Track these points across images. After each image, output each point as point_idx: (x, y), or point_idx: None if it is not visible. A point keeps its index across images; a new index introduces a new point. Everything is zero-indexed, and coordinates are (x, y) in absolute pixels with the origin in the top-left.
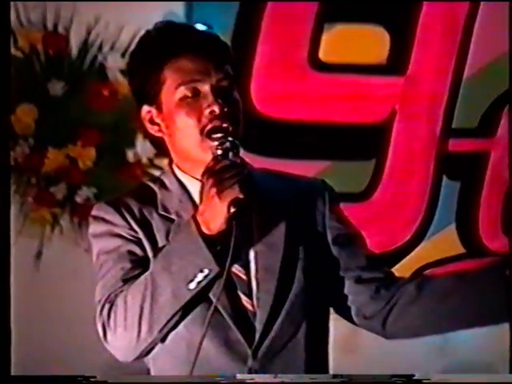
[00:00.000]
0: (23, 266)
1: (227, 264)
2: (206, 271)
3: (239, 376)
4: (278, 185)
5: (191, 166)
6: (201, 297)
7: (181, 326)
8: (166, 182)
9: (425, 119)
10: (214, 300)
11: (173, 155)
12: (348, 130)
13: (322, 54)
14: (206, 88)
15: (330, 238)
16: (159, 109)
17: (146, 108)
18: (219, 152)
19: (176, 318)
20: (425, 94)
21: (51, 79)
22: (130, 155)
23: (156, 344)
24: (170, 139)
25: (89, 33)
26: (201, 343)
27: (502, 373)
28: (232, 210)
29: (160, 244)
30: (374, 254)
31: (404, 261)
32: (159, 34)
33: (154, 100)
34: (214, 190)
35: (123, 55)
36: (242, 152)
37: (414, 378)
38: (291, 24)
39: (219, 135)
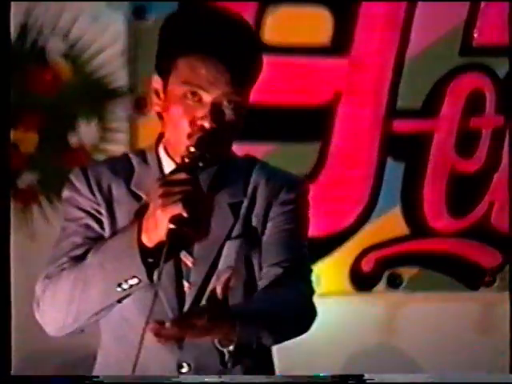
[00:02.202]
0: None
1: (156, 280)
2: (136, 280)
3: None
4: (244, 175)
5: (174, 152)
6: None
7: (130, 316)
8: (148, 157)
9: (369, 100)
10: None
11: (164, 133)
12: (293, 112)
13: (265, 36)
14: (207, 99)
15: (266, 232)
16: (165, 87)
17: (156, 78)
18: (186, 160)
19: (105, 311)
20: (369, 75)
21: None
22: (72, 140)
23: (87, 326)
24: (165, 117)
25: (28, 16)
26: (141, 341)
27: (502, 373)
28: (171, 226)
29: (118, 220)
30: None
31: (349, 242)
32: (185, 18)
33: (164, 75)
34: (159, 202)
35: (64, 38)
36: None
37: (364, 378)
38: (234, 6)
39: (197, 145)
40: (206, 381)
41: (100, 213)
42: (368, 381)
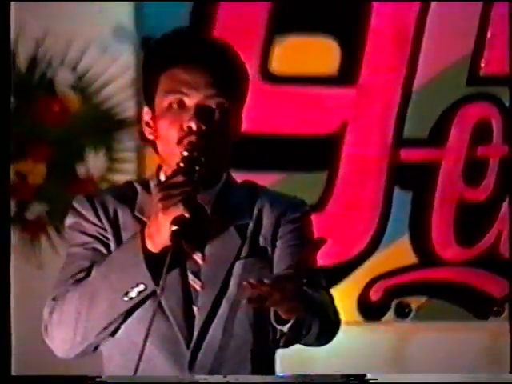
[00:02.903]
0: None
1: (160, 284)
2: (142, 287)
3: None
4: (246, 198)
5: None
6: (143, 303)
7: (133, 331)
8: (151, 185)
9: (376, 129)
10: (166, 311)
11: (160, 160)
12: (300, 142)
13: (272, 66)
14: (190, 102)
15: (276, 251)
16: (153, 112)
17: (146, 109)
18: (181, 165)
19: (114, 326)
20: (376, 104)
21: None
22: (81, 171)
23: (98, 344)
24: (158, 144)
25: (37, 47)
26: (141, 353)
27: (502, 373)
28: (173, 227)
29: None
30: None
31: (357, 271)
32: (165, 41)
33: (151, 102)
34: (160, 205)
35: (73, 70)
36: None
37: (366, 378)
38: (242, 36)
39: (189, 150)
40: (212, 381)
41: (107, 238)
42: (371, 381)
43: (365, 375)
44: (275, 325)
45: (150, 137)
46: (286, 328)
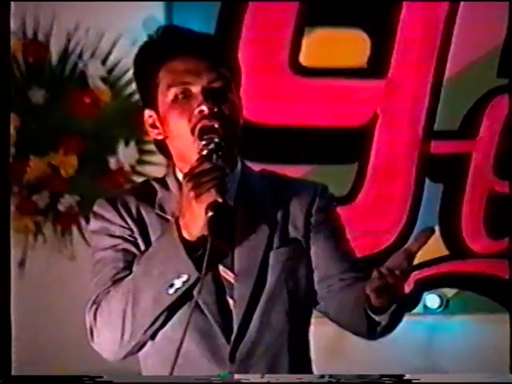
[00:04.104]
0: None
1: (203, 270)
2: (185, 277)
3: (236, 376)
4: (269, 188)
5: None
6: (187, 299)
7: (168, 327)
8: (169, 182)
9: (407, 122)
10: (201, 304)
11: (174, 158)
12: (330, 134)
13: (302, 59)
14: (196, 89)
15: (312, 239)
16: (157, 112)
17: (147, 112)
18: (204, 153)
19: (159, 322)
20: (406, 96)
21: (32, 87)
22: (112, 163)
23: (145, 343)
24: (169, 141)
25: (69, 40)
26: (179, 347)
27: (502, 373)
28: (209, 213)
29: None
30: (355, 255)
31: None
32: (157, 38)
33: (153, 103)
34: (192, 194)
35: (103, 62)
36: None
37: (404, 378)
38: (271, 28)
39: (207, 136)
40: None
41: (134, 237)
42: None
43: (403, 375)
44: (372, 315)
45: (159, 137)
46: (382, 317)
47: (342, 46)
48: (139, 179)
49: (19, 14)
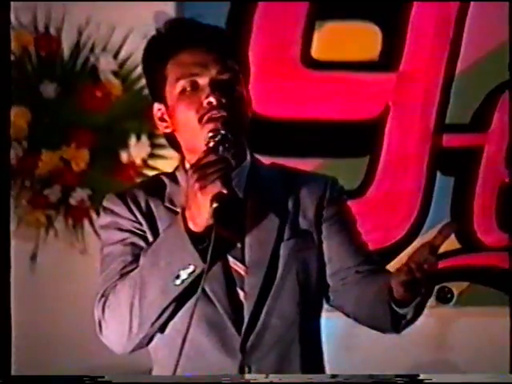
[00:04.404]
0: (19, 269)
1: (207, 260)
2: (192, 268)
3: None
4: (279, 180)
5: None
6: (194, 290)
7: (177, 319)
8: (178, 176)
9: (418, 115)
10: (211, 296)
11: (184, 151)
12: (341, 127)
13: (314, 52)
14: (204, 81)
15: (324, 232)
16: (166, 105)
17: (156, 106)
18: (211, 144)
19: (167, 314)
20: (418, 89)
21: (43, 81)
22: (123, 156)
23: (153, 335)
24: (178, 134)
25: (80, 34)
26: (185, 336)
27: (502, 373)
28: (214, 205)
29: None
30: (368, 248)
31: (399, 257)
32: (165, 32)
33: (161, 97)
34: (197, 186)
35: (115, 56)
36: None
37: (419, 378)
38: (283, 22)
39: (214, 127)
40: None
41: (143, 231)
42: (426, 381)
43: (418, 375)
44: (396, 308)
45: (167, 130)
46: (406, 310)
47: (354, 39)
48: (151, 173)
49: (31, 8)
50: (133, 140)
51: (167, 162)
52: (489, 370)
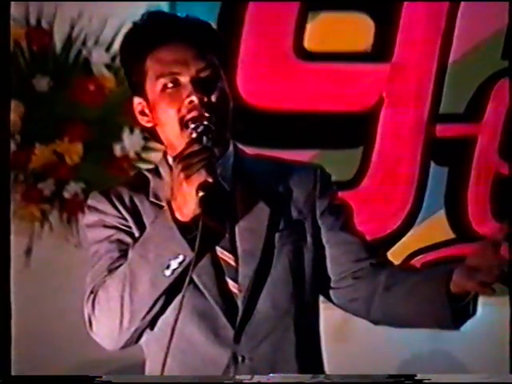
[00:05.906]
0: (14, 264)
1: (196, 249)
2: (181, 257)
3: (238, 377)
4: (267, 170)
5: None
6: (184, 282)
7: (168, 313)
8: (161, 170)
9: (412, 105)
10: (200, 287)
11: (164, 145)
12: (335, 118)
13: (307, 43)
14: (185, 79)
15: (322, 226)
16: (146, 100)
17: (136, 99)
18: (194, 135)
19: (158, 306)
20: (411, 80)
21: (36, 75)
22: (117, 149)
23: (143, 331)
24: (159, 129)
25: (72, 27)
26: (174, 326)
27: (501, 373)
28: (200, 194)
29: None
30: (365, 239)
31: (394, 248)
32: (144, 25)
33: (141, 91)
34: (182, 175)
35: (107, 49)
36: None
37: (416, 378)
38: (275, 13)
39: (196, 117)
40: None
41: (129, 227)
42: (425, 380)
43: (415, 375)
44: (452, 303)
45: (149, 124)
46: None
47: (347, 30)
48: (144, 166)
49: (23, 1)
50: (126, 133)
51: (161, 155)
52: (489, 370)
